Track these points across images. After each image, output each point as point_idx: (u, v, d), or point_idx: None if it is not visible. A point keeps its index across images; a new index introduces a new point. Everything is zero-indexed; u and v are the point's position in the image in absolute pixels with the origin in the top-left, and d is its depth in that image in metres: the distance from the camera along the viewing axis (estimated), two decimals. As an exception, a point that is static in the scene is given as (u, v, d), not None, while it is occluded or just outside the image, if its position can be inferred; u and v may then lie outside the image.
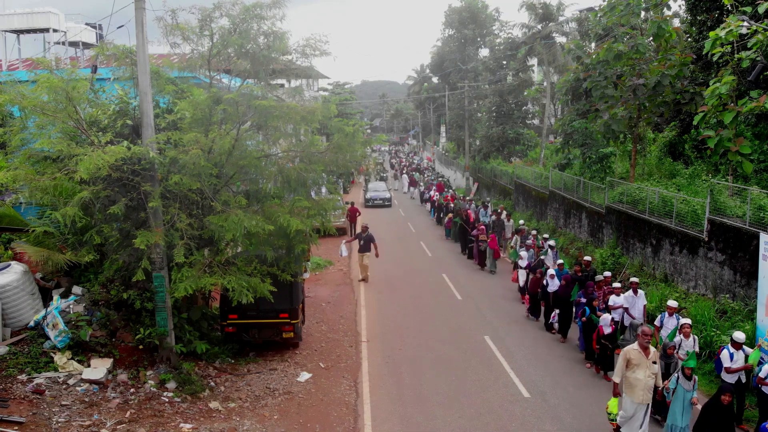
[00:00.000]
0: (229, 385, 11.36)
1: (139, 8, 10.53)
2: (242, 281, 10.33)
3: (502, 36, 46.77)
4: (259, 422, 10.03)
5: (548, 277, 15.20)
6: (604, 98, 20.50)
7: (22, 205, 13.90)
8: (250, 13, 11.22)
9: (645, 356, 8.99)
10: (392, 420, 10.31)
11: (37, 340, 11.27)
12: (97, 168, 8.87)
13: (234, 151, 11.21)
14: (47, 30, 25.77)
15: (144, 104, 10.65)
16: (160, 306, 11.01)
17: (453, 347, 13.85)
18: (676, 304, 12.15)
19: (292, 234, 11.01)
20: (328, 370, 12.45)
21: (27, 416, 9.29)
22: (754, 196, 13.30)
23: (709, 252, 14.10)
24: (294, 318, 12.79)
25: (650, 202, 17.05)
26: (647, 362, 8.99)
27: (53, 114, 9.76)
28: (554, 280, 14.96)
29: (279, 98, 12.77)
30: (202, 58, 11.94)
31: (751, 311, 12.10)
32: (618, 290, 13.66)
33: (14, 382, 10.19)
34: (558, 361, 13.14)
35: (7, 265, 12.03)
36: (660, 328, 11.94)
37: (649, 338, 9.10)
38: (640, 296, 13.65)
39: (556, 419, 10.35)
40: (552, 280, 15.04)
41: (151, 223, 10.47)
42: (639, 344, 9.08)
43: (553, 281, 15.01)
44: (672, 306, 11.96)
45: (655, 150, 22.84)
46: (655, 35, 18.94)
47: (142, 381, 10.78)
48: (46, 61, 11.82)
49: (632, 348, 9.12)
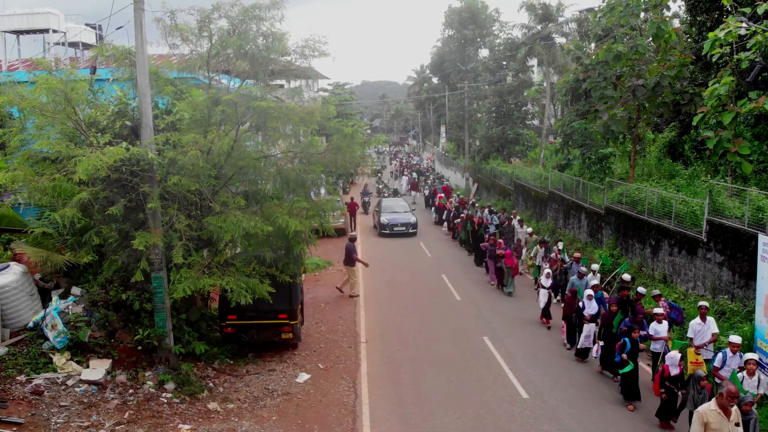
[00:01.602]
0: (227, 386, 11.36)
1: (138, 9, 10.54)
2: (241, 282, 10.33)
3: (501, 36, 46.76)
4: (257, 423, 10.03)
5: (585, 299, 13.32)
6: (604, 99, 20.53)
7: (21, 206, 13.90)
8: (248, 14, 11.22)
9: (726, 418, 7.48)
10: (391, 421, 10.31)
11: (36, 341, 11.28)
12: (96, 169, 8.88)
13: (233, 152, 11.22)
14: (47, 31, 25.78)
15: (143, 105, 10.66)
16: (159, 307, 11.01)
17: (452, 348, 13.85)
18: (740, 340, 10.06)
19: (291, 235, 11.01)
20: (326, 371, 12.46)
21: (26, 417, 9.30)
22: (753, 197, 13.31)
23: (707, 253, 14.11)
24: (293, 319, 12.79)
25: (649, 202, 17.06)
26: (729, 425, 7.51)
27: (52, 115, 9.77)
28: (591, 302, 13.17)
29: (278, 99, 12.79)
30: (201, 59, 11.93)
31: (749, 312, 12.10)
32: (660, 316, 11.66)
33: (13, 382, 10.19)
34: (557, 361, 13.14)
35: (7, 265, 12.03)
36: (719, 369, 10.00)
37: (735, 400, 7.52)
38: (709, 324, 11.09)
39: (554, 420, 10.35)
40: (589, 301, 13.19)
41: (149, 224, 10.48)
42: (718, 403, 7.52)
43: (590, 303, 13.17)
44: (735, 343, 9.94)
45: (654, 151, 22.87)
46: (655, 36, 18.98)
47: (140, 382, 10.78)
48: (45, 62, 11.82)
49: (710, 409, 7.55)
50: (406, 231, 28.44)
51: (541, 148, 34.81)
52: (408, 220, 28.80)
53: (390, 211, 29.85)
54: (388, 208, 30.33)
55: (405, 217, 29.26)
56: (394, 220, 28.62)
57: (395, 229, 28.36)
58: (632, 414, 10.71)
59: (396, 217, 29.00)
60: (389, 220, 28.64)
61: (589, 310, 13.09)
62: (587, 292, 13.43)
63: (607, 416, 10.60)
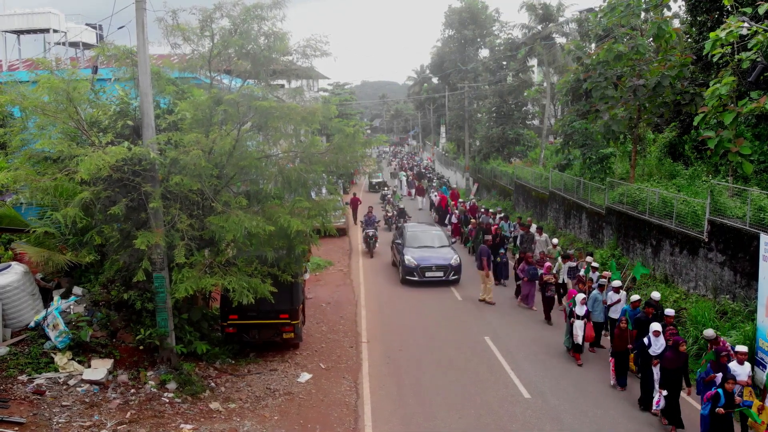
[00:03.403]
0: (229, 386, 11.35)
1: (139, 9, 10.53)
2: (243, 282, 10.34)
3: (502, 37, 46.79)
4: (259, 423, 10.03)
5: (651, 335, 10.69)
6: (604, 99, 20.53)
7: (22, 205, 13.90)
8: (250, 13, 11.23)
9: None
10: (393, 421, 10.31)
11: (37, 341, 11.28)
12: (98, 168, 8.88)
13: (234, 152, 11.22)
14: (47, 30, 25.81)
15: (145, 105, 10.66)
16: (160, 306, 11.01)
17: (453, 348, 13.84)
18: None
19: (293, 234, 11.02)
20: (328, 371, 12.45)
21: (27, 417, 9.30)
22: (755, 197, 13.31)
23: (709, 253, 14.11)
24: (294, 319, 12.78)
25: (650, 202, 17.06)
26: None
27: (54, 114, 9.77)
28: (659, 338, 10.59)
29: (279, 99, 12.78)
30: (202, 58, 11.94)
31: (751, 312, 12.10)
32: (743, 356, 9.88)
33: (14, 382, 10.20)
34: (558, 361, 13.13)
35: (8, 265, 12.04)
36: None
37: None
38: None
39: (556, 420, 10.35)
40: (656, 338, 10.61)
41: (151, 224, 10.48)
42: None
43: (657, 340, 10.60)
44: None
45: (655, 151, 22.87)
46: (655, 36, 18.97)
47: (142, 381, 10.78)
48: (46, 62, 11.84)
49: None
50: (445, 278, 19.13)
51: (542, 148, 34.84)
52: (447, 261, 19.36)
53: (418, 245, 20.18)
54: (415, 240, 20.54)
55: (442, 255, 19.81)
56: (425, 260, 19.29)
57: (428, 274, 19.07)
58: (634, 414, 10.71)
59: (429, 255, 19.61)
60: (419, 260, 19.25)
61: (655, 348, 10.63)
62: (654, 327, 10.81)
63: (609, 416, 10.60)
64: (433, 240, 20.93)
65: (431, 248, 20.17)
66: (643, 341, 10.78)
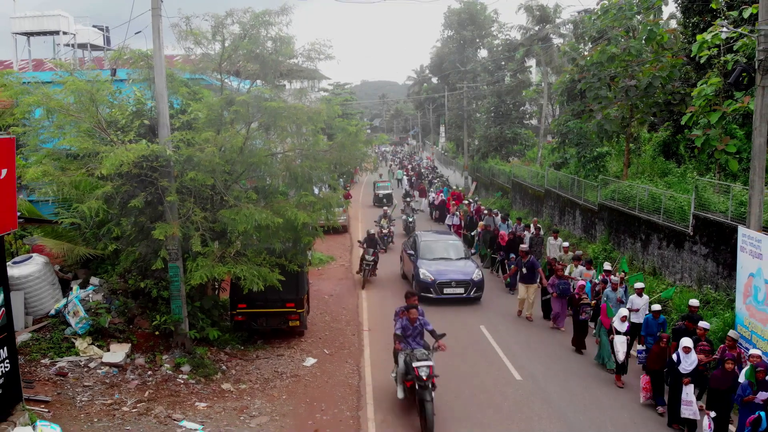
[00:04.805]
0: (239, 369, 12.08)
1: (156, 15, 11.24)
2: (253, 270, 11.05)
3: (500, 38, 47.46)
4: (268, 401, 10.75)
5: (681, 351, 9.96)
6: (598, 99, 21.21)
7: (39, 202, 14.62)
8: (259, 19, 11.93)
9: None
10: (392, 399, 11.00)
11: (58, 327, 11.93)
12: (121, 164, 9.59)
13: (244, 150, 11.94)
14: (57, 32, 26.50)
15: (160, 105, 11.36)
16: (175, 294, 11.73)
17: (450, 335, 14.31)
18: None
19: (300, 227, 11.74)
20: (332, 356, 13.17)
21: (52, 396, 9.98)
22: (736, 192, 14.02)
23: (694, 246, 14.82)
24: (300, 307, 13.50)
25: (640, 199, 17.77)
26: None
27: (77, 114, 10.47)
28: (689, 355, 9.94)
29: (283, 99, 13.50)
30: (213, 61, 12.66)
31: (731, 300, 12.78)
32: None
33: (38, 365, 10.87)
34: (549, 348, 13.84)
35: (29, 256, 12.73)
36: None
37: None
38: None
39: (545, 400, 11.07)
40: (687, 354, 9.92)
41: (167, 217, 11.19)
42: None
43: (687, 356, 9.92)
44: None
45: (649, 150, 23.56)
46: (647, 38, 19.66)
47: (158, 364, 11.49)
48: (65, 64, 12.57)
49: None
50: (466, 295, 16.98)
51: (539, 147, 35.54)
52: (468, 275, 17.21)
53: (433, 257, 18.24)
54: (430, 251, 18.58)
55: (462, 268, 17.65)
56: (443, 275, 17.22)
57: (446, 291, 16.95)
58: (621, 394, 11.42)
59: (446, 269, 17.55)
60: (436, 274, 17.23)
61: (686, 366, 9.91)
62: (685, 343, 10.02)
63: (595, 397, 11.31)
64: (450, 251, 18.89)
65: (448, 260, 18.20)
66: (673, 358, 10.11)
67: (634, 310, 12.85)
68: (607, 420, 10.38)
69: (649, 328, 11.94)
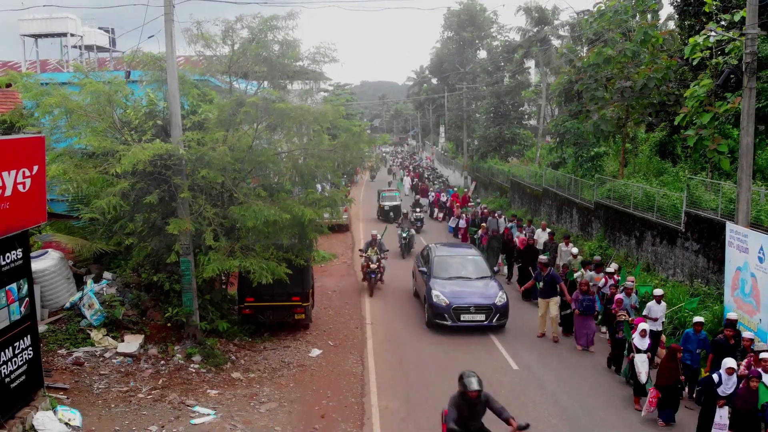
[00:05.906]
0: (248, 359, 12.58)
1: (168, 20, 11.74)
2: (262, 264, 11.56)
3: (499, 39, 47.98)
4: (277, 389, 11.26)
5: (724, 372, 8.90)
6: (594, 100, 21.68)
7: (53, 201, 15.10)
8: (267, 24, 12.44)
9: None
10: (395, 387, 11.52)
11: (73, 319, 12.39)
12: (137, 161, 10.09)
13: (252, 149, 12.44)
14: (65, 34, 27.00)
15: (173, 106, 11.86)
16: (186, 288, 12.24)
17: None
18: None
19: (306, 222, 12.25)
20: (336, 347, 13.68)
21: (70, 383, 10.47)
22: (726, 190, 14.53)
23: (685, 242, 15.33)
24: (305, 301, 14.00)
25: (634, 197, 18.28)
26: None
27: (95, 115, 10.98)
28: (732, 377, 8.88)
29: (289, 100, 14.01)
30: (222, 64, 13.18)
31: (721, 294, 13.29)
32: None
33: (55, 355, 11.36)
34: (545, 340, 14.34)
35: (45, 252, 13.22)
36: None
37: None
38: None
39: (540, 388, 11.58)
40: (729, 376, 8.88)
41: (179, 213, 11.70)
42: None
43: (730, 378, 8.88)
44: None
45: (645, 149, 24.07)
46: (642, 41, 20.16)
47: (170, 354, 12.00)
48: (80, 67, 13.08)
49: None
50: (487, 323, 14.44)
51: (537, 147, 36.04)
52: (490, 299, 14.64)
53: (449, 276, 15.71)
54: (445, 268, 15.99)
55: (482, 290, 15.13)
56: (460, 298, 14.65)
57: (463, 318, 14.43)
58: (613, 383, 11.92)
59: (464, 290, 15.03)
60: (452, 297, 14.63)
61: (725, 389, 8.90)
62: (729, 364, 8.91)
63: (589, 384, 11.82)
64: (469, 268, 16.17)
65: (467, 280, 15.66)
66: (712, 377, 9.06)
67: (653, 319, 12.14)
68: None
69: (689, 343, 10.66)
